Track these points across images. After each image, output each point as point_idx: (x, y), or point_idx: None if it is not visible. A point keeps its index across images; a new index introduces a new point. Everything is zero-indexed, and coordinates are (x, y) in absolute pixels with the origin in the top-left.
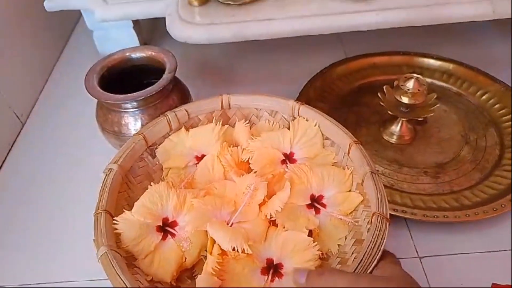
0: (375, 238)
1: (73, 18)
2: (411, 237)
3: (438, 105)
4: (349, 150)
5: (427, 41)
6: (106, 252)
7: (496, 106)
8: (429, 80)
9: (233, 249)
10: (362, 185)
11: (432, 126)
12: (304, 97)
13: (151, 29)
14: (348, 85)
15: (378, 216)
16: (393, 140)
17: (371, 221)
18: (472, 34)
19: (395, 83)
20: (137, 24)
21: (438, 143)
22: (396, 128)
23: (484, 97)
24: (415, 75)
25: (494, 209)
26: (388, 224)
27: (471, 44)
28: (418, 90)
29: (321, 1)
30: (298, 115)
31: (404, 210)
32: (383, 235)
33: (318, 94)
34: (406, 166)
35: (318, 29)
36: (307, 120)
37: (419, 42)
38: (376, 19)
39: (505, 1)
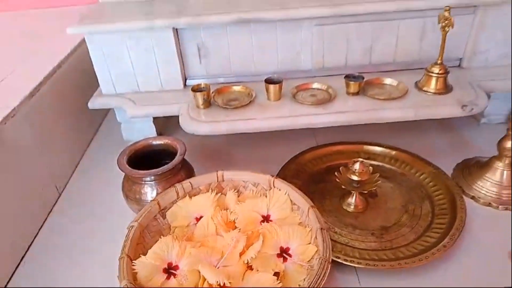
0: (320, 272)
1: (104, 111)
2: (359, 282)
3: (380, 181)
4: (308, 212)
5: (381, 133)
6: (126, 284)
7: (430, 183)
8: (380, 163)
9: (218, 284)
10: (316, 238)
11: (381, 199)
12: (282, 174)
13: (165, 122)
14: (317, 166)
15: (322, 259)
16: (350, 209)
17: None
18: (416, 128)
19: (348, 165)
20: (156, 119)
21: (385, 212)
22: (351, 200)
23: (421, 177)
24: (360, 159)
25: (420, 259)
26: (329, 265)
27: (414, 136)
28: (363, 170)
29: (290, 106)
30: (273, 186)
31: (353, 261)
32: (325, 272)
33: (293, 172)
34: (358, 229)
35: (288, 126)
36: (279, 190)
37: (375, 134)
38: (330, 119)
39: (425, 109)
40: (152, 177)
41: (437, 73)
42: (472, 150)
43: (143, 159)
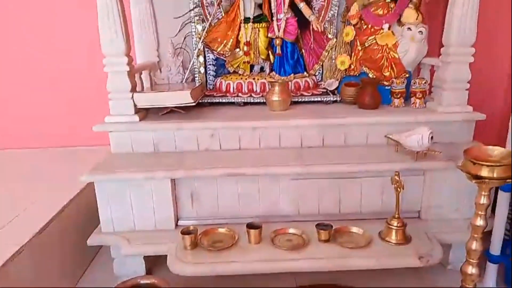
0: None
1: (97, 247)
2: None
3: None
4: None
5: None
6: None
7: None
8: None
9: None
10: None
11: None
12: None
13: (155, 258)
14: None
15: None
16: None
17: None
18: (388, 271)
19: None
20: (145, 256)
21: None
22: None
23: None
24: None
25: None
26: None
27: (385, 278)
28: None
29: (269, 250)
30: None
31: None
32: None
33: None
34: None
35: (266, 270)
36: None
37: (349, 274)
38: (304, 265)
39: (386, 259)
40: None
41: (396, 226)
42: None
43: None
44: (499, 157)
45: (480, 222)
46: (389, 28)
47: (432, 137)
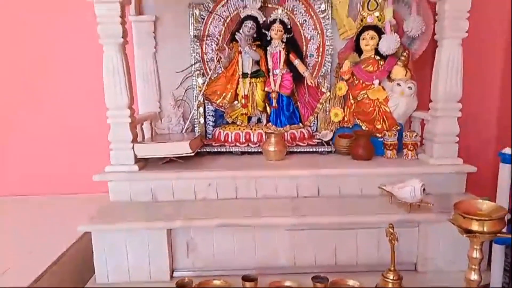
0: None
1: None
2: None
3: None
4: None
5: None
6: None
7: None
8: None
9: None
10: None
11: None
12: None
13: None
14: None
15: None
16: None
17: None
18: None
19: None
20: None
21: None
22: None
23: None
24: None
25: None
26: None
27: None
28: None
29: None
30: None
31: None
32: None
33: None
34: None
35: None
36: None
37: None
38: None
39: None
40: None
41: (392, 279)
42: None
43: None
44: (489, 211)
45: (474, 276)
46: (379, 84)
47: (424, 189)
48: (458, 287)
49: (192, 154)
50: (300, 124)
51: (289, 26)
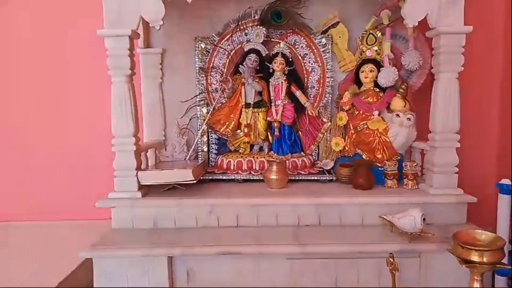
0: None
1: None
2: None
3: None
4: None
5: None
6: None
7: None
8: None
9: None
10: None
11: None
12: None
13: None
14: None
15: None
16: None
17: None
18: None
19: None
20: None
21: None
22: None
23: None
24: None
25: None
26: None
27: None
28: None
29: None
30: None
31: None
32: None
33: None
34: None
35: None
36: None
37: None
38: None
39: None
40: None
41: None
42: None
43: None
44: (488, 242)
45: None
46: (379, 114)
47: (424, 219)
48: None
49: (195, 182)
50: (302, 153)
51: (290, 59)
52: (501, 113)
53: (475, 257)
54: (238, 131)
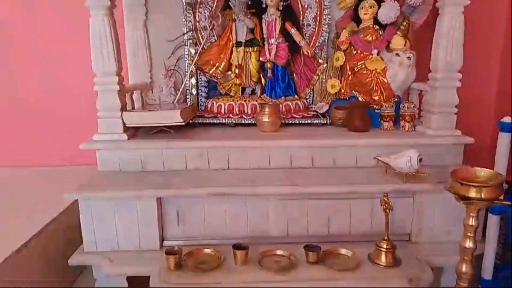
0: None
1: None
2: None
3: None
4: None
5: None
6: None
7: None
8: None
9: None
10: None
11: None
12: None
13: (138, 280)
14: None
15: None
16: None
17: None
18: None
19: None
20: (129, 277)
21: None
22: None
23: None
24: None
25: None
26: None
27: None
28: None
29: (255, 272)
30: None
31: None
32: None
33: None
34: None
35: None
36: None
37: None
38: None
39: (375, 282)
40: None
41: (385, 248)
42: None
43: None
44: (487, 178)
45: (469, 244)
46: (378, 54)
47: (421, 159)
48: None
49: (183, 124)
50: (296, 96)
51: None
52: (504, 48)
53: (473, 193)
54: (229, 72)
